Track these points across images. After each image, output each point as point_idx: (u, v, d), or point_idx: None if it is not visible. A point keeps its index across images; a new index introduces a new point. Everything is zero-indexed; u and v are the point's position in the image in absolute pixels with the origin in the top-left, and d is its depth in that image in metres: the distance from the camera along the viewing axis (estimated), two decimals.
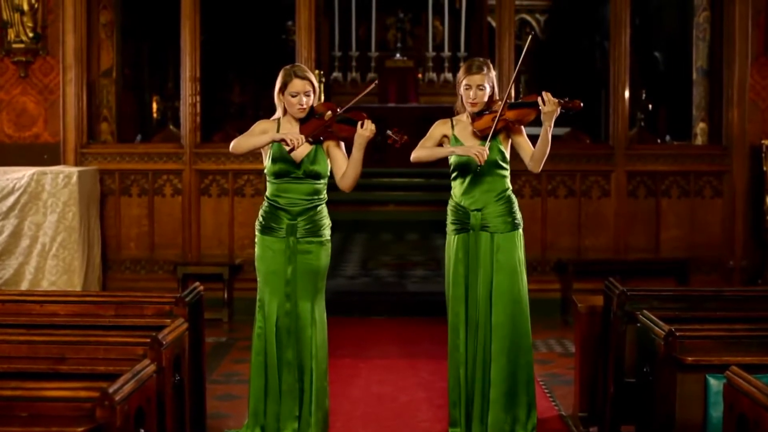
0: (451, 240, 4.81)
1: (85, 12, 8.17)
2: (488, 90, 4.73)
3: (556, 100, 4.52)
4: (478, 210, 4.74)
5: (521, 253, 4.79)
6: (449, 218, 4.85)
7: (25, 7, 8.05)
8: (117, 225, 8.22)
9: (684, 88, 9.53)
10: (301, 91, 4.45)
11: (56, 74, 8.15)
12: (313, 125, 4.50)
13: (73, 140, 8.15)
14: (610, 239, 8.21)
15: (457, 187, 4.82)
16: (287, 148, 4.36)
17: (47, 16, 8.13)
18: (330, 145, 4.56)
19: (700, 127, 8.83)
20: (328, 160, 4.58)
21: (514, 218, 4.79)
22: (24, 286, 7.52)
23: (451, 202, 4.85)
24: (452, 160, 4.78)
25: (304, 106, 4.48)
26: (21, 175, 7.58)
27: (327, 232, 4.61)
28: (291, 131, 4.42)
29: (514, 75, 5.20)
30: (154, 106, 11.73)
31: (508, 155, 4.80)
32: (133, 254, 8.25)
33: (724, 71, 8.26)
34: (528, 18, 16.12)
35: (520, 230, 4.82)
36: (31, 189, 7.55)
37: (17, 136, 8.19)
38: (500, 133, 4.75)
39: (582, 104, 4.53)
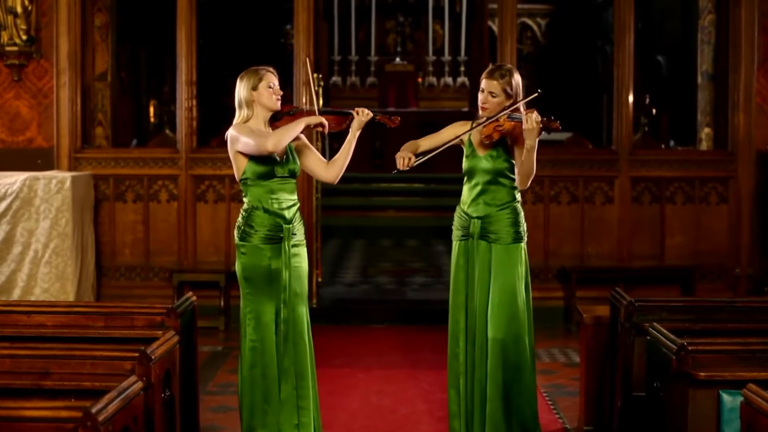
0: (455, 246, 4.70)
1: (79, 15, 8.04)
2: (501, 98, 4.56)
3: (539, 119, 4.39)
4: (479, 218, 4.61)
5: (522, 268, 4.60)
6: (454, 224, 4.73)
7: (19, 9, 7.91)
8: (111, 231, 8.08)
9: (688, 93, 9.41)
10: (275, 82, 4.51)
11: (50, 78, 8.02)
12: (294, 119, 4.45)
13: (67, 145, 8.01)
14: (614, 246, 8.07)
15: (465, 194, 4.71)
16: (321, 129, 4.42)
17: (41, 19, 8.00)
18: (299, 142, 4.54)
19: (705, 132, 8.70)
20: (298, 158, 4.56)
21: (517, 230, 4.62)
22: (16, 293, 7.38)
23: (457, 208, 4.74)
24: (463, 166, 4.68)
25: (279, 96, 4.51)
26: (13, 180, 7.44)
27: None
28: (312, 117, 4.42)
29: (525, 98, 4.72)
30: (151, 110, 11.60)
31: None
32: (127, 261, 8.11)
33: (730, 75, 8.14)
34: (529, 22, 16.03)
35: (523, 244, 4.64)
36: (24, 194, 7.41)
37: (10, 140, 8.06)
38: (504, 142, 4.61)
39: (560, 127, 4.43)
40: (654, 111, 10.75)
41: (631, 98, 8.03)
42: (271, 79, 4.47)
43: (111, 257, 8.09)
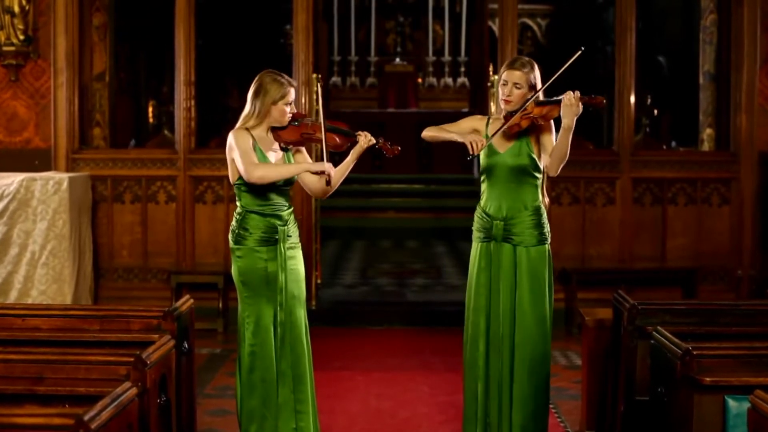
0: (475, 248, 4.55)
1: (77, 14, 7.98)
2: (525, 90, 4.44)
3: (578, 95, 4.28)
4: (502, 219, 4.46)
5: (547, 271, 4.48)
6: (474, 225, 4.57)
7: (16, 9, 7.85)
8: (109, 232, 8.02)
9: (689, 93, 9.36)
10: (293, 97, 4.43)
11: (47, 78, 7.96)
12: (297, 131, 4.42)
13: (65, 145, 7.95)
14: (615, 248, 8.02)
15: (484, 193, 4.54)
16: (326, 177, 4.34)
17: (38, 19, 7.94)
18: (296, 152, 4.50)
19: (707, 132, 8.64)
20: None
21: (542, 231, 4.48)
22: (13, 295, 7.33)
23: (477, 208, 4.57)
24: (481, 163, 4.55)
25: (291, 115, 4.45)
26: (10, 181, 7.39)
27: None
28: (319, 162, 4.37)
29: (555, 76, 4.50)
30: (150, 110, 11.56)
31: (541, 164, 4.51)
32: (125, 262, 8.05)
33: (732, 75, 8.08)
34: (529, 22, 15.98)
35: (547, 245, 4.51)
36: (20, 196, 7.36)
37: (7, 141, 8.00)
38: (530, 134, 4.47)
39: (605, 101, 4.30)
40: (655, 111, 10.71)
41: (632, 99, 7.97)
42: (292, 96, 4.39)
43: (109, 259, 8.03)
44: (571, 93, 4.28)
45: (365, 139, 4.37)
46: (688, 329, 4.10)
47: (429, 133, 4.59)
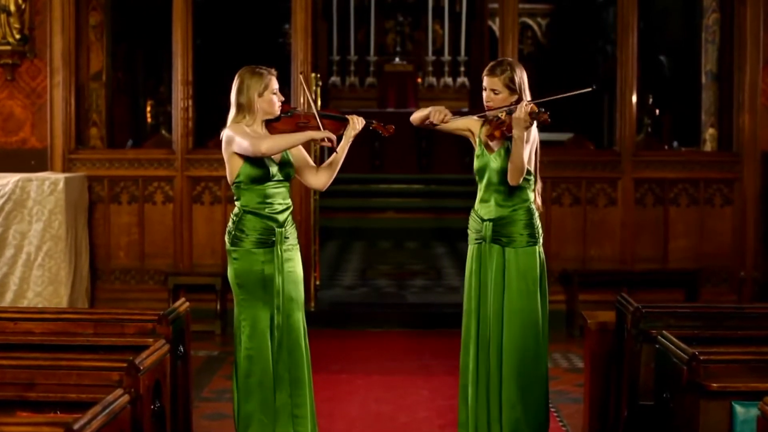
0: (469, 250, 4.52)
1: (73, 13, 7.90)
2: (505, 95, 4.39)
3: (528, 109, 4.21)
4: (491, 220, 4.43)
5: (538, 272, 4.42)
6: (469, 226, 4.55)
7: (12, 7, 7.78)
8: (106, 233, 7.95)
9: (692, 93, 9.29)
10: (277, 85, 4.39)
11: (44, 77, 7.89)
12: (292, 122, 4.36)
13: (61, 146, 7.87)
14: (617, 249, 7.94)
15: (478, 194, 4.53)
16: (329, 145, 4.27)
17: (34, 18, 7.87)
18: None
19: (709, 133, 8.57)
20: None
21: (531, 232, 4.43)
22: (8, 297, 7.25)
23: (472, 210, 4.56)
24: (474, 165, 4.52)
25: (281, 102, 4.40)
26: (5, 181, 7.31)
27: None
28: (316, 132, 4.29)
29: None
30: (148, 110, 11.46)
31: (530, 165, 4.44)
32: (122, 264, 7.97)
33: (735, 75, 8.01)
34: (529, 22, 15.92)
35: (538, 246, 4.45)
36: (16, 196, 7.28)
37: (3, 141, 7.93)
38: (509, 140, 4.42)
39: (549, 120, 4.23)
40: (657, 111, 10.63)
41: (634, 98, 7.90)
42: (275, 83, 4.35)
43: (105, 260, 7.95)
44: (522, 105, 4.23)
45: (357, 123, 4.33)
46: (692, 333, 4.03)
47: (417, 114, 4.56)
